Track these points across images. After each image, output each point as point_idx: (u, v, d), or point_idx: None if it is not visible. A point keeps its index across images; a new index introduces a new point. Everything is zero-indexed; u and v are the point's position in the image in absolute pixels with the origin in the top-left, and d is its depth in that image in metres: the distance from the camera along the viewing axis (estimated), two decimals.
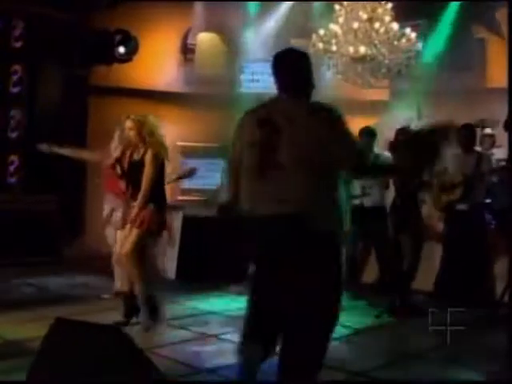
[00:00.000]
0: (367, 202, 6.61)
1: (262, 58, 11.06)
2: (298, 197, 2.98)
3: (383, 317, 5.54)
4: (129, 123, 5.16)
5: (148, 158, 5.06)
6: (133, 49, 8.95)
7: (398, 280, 5.85)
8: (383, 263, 6.63)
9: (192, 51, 10.90)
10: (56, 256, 8.42)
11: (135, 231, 4.96)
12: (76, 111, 9.31)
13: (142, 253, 5.00)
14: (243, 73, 11.02)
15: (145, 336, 4.56)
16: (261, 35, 10.90)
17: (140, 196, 4.99)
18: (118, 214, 5.89)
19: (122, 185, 5.51)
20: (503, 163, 7.11)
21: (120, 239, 5.18)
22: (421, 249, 5.92)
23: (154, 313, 5.00)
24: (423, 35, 10.28)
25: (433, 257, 6.55)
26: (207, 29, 11.10)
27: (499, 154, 7.47)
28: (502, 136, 7.36)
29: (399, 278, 5.87)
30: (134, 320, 5.07)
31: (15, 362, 3.97)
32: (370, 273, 6.90)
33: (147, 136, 5.10)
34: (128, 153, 5.27)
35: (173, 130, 9.38)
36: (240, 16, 10.83)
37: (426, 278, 6.46)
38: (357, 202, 6.65)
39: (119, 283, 6.15)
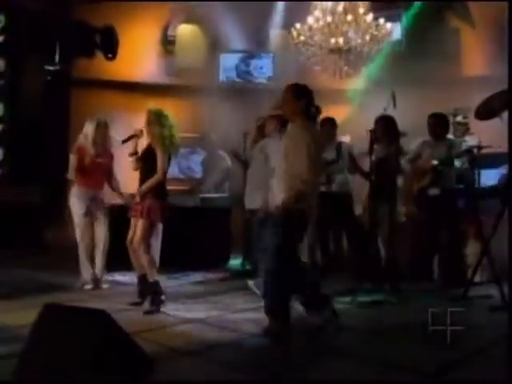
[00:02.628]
0: (333, 188, 6.83)
1: (241, 49, 11.25)
2: None
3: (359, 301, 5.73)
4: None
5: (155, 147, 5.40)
6: (114, 44, 9.05)
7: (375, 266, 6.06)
8: (356, 250, 6.84)
9: (172, 43, 11.02)
10: (40, 246, 8.57)
11: (142, 222, 5.31)
12: (58, 103, 9.44)
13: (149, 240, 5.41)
14: (223, 64, 11.15)
15: (131, 320, 4.71)
16: (241, 26, 11.04)
17: (144, 186, 5.35)
18: (94, 204, 6.27)
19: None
20: (475, 150, 7.36)
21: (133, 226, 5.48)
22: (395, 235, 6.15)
23: (158, 298, 5.29)
24: (399, 24, 10.55)
25: (406, 241, 6.81)
26: (187, 20, 11.22)
27: (472, 141, 7.72)
28: (474, 124, 7.61)
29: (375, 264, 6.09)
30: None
31: (5, 347, 4.11)
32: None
33: (152, 127, 5.45)
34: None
35: None
36: (220, 7, 10.94)
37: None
38: (323, 188, 6.90)
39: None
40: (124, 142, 5.75)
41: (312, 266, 6.35)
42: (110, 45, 8.85)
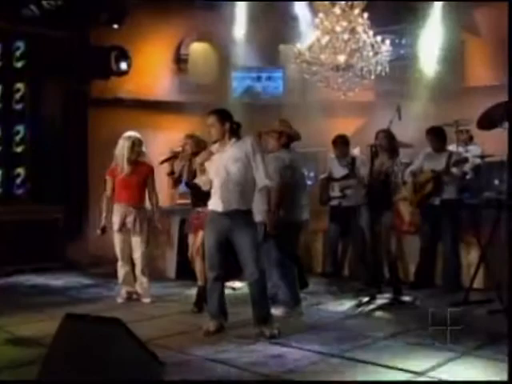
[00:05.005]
0: (345, 202, 7.11)
1: (253, 66, 11.58)
2: None
3: (364, 306, 6.03)
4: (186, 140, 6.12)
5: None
6: (128, 63, 9.52)
7: (376, 272, 6.32)
8: (363, 259, 7.10)
9: (185, 61, 11.36)
10: (62, 261, 8.89)
11: (201, 233, 5.72)
12: (77, 123, 9.77)
13: None
14: (235, 80, 11.50)
15: (145, 327, 5.03)
16: (251, 42, 11.37)
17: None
18: (129, 220, 6.44)
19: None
20: (478, 160, 7.62)
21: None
22: (389, 242, 6.42)
23: (202, 302, 5.83)
24: (407, 37, 10.82)
25: (413, 250, 7.07)
26: (199, 39, 11.58)
27: (474, 150, 7.97)
28: (477, 134, 7.83)
29: (378, 270, 6.34)
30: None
31: (28, 355, 4.45)
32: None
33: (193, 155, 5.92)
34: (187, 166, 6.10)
35: (168, 136, 9.88)
36: (230, 25, 11.30)
37: (407, 270, 7.02)
38: (335, 202, 7.18)
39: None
40: (162, 163, 6.22)
41: None
42: (123, 59, 9.35)
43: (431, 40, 10.44)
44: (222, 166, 5.00)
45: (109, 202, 6.56)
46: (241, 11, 11.16)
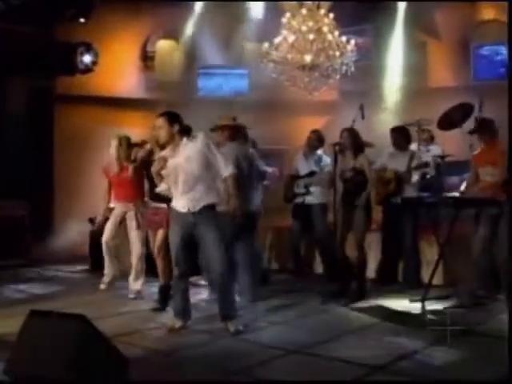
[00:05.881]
0: (309, 199, 7.22)
1: (218, 64, 11.63)
2: None
3: (328, 302, 6.14)
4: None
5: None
6: (94, 59, 9.49)
7: (341, 270, 6.42)
8: (326, 256, 7.22)
9: (152, 58, 11.39)
10: (27, 258, 8.86)
11: (163, 231, 5.81)
12: (42, 120, 9.76)
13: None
14: (200, 77, 11.54)
15: (109, 324, 5.06)
16: (216, 40, 11.43)
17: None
18: (129, 216, 6.56)
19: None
20: (438, 159, 7.79)
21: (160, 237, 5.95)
22: (363, 239, 6.52)
23: (164, 300, 5.88)
24: (371, 38, 10.99)
25: (375, 247, 7.22)
26: (165, 36, 11.60)
27: (435, 150, 8.15)
28: (438, 134, 8.03)
29: (344, 268, 6.44)
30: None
31: None
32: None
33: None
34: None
35: (135, 133, 9.88)
36: (196, 23, 11.34)
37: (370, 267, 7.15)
38: (300, 199, 7.29)
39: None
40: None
41: None
42: (89, 56, 9.32)
43: (395, 41, 10.65)
44: (178, 168, 4.98)
45: (106, 200, 6.72)
46: (207, 9, 11.19)
